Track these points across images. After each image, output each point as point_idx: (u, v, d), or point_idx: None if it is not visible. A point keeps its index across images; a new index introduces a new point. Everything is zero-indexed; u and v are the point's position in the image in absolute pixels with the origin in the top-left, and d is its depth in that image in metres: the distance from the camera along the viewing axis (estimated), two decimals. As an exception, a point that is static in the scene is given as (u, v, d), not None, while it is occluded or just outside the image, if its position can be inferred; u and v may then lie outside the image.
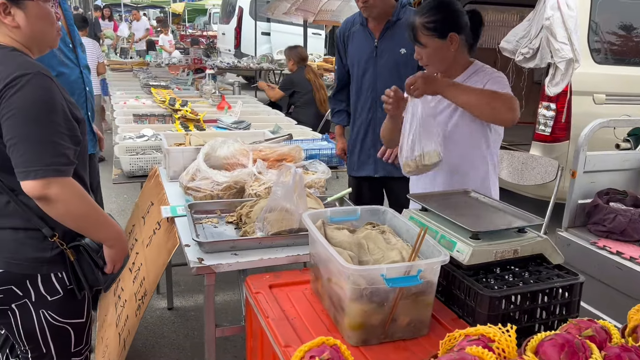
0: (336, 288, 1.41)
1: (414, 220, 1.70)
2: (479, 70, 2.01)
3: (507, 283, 1.46)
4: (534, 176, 3.06)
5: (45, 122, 1.36)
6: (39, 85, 1.36)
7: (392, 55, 2.63)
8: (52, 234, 1.47)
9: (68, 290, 1.52)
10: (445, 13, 1.93)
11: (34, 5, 1.44)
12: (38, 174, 1.34)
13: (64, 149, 1.40)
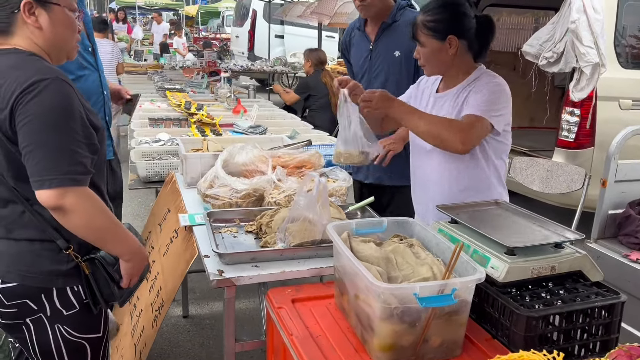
0: (364, 306, 1.34)
1: (443, 232, 1.63)
2: (479, 77, 1.89)
3: (544, 301, 1.38)
4: (559, 184, 2.97)
5: (63, 129, 1.31)
6: (57, 90, 1.32)
7: (385, 58, 2.59)
8: (67, 246, 1.42)
9: (84, 305, 1.47)
10: (448, 14, 1.82)
11: (60, 10, 1.42)
12: (53, 182, 1.29)
13: (80, 157, 1.35)
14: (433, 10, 1.84)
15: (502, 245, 1.45)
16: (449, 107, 1.92)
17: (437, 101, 1.98)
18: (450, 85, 1.95)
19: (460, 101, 1.89)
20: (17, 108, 1.29)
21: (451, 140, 1.77)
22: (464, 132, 1.77)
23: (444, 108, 1.93)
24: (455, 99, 1.91)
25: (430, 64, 1.91)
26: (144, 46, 13.58)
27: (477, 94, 1.83)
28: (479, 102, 1.81)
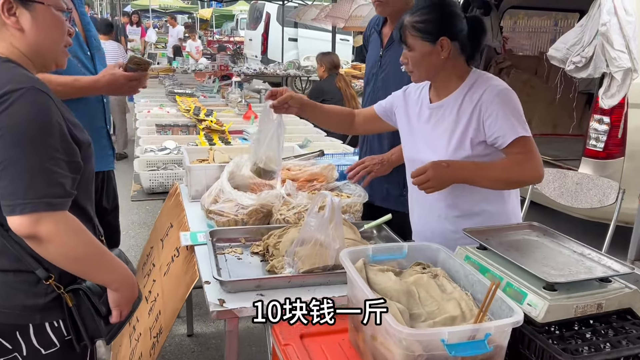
0: (382, 349, 1.17)
1: (472, 261, 1.45)
2: (478, 81, 1.73)
3: (590, 344, 1.20)
4: (590, 198, 2.77)
5: (38, 145, 1.15)
6: (32, 102, 1.16)
7: (392, 69, 2.25)
8: (48, 275, 1.26)
9: (65, 342, 1.31)
10: (438, 14, 1.67)
11: (45, 10, 1.26)
12: (26, 208, 1.13)
13: (59, 177, 1.18)
14: (422, 11, 1.68)
15: (541, 279, 1.26)
16: (451, 121, 1.73)
17: (433, 113, 1.79)
18: (444, 94, 1.78)
19: (465, 109, 1.71)
20: None
21: (530, 179, 1.76)
22: (532, 162, 1.66)
23: (445, 121, 1.75)
24: (458, 112, 1.72)
25: (419, 69, 1.72)
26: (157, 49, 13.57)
27: (499, 116, 1.65)
28: (511, 123, 1.64)
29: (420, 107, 1.86)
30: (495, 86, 1.70)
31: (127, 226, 4.46)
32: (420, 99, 1.88)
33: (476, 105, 1.68)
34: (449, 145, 1.73)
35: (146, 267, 2.48)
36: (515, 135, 1.63)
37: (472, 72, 1.76)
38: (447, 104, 1.76)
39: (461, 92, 1.74)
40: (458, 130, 1.72)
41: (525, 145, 1.65)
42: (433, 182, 1.60)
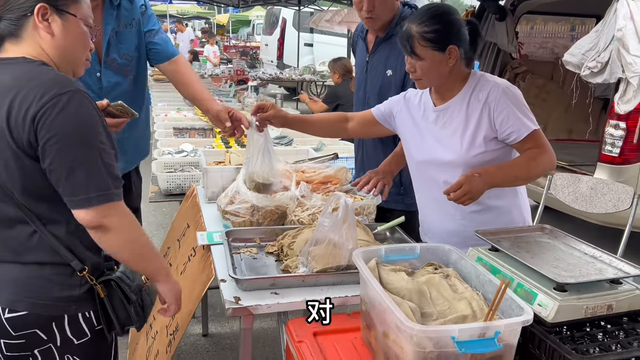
0: (394, 346, 1.19)
1: (483, 262, 1.47)
2: (480, 81, 1.80)
3: (600, 345, 1.22)
4: (604, 203, 2.76)
5: (95, 143, 1.25)
6: (82, 103, 1.24)
7: (378, 74, 2.33)
8: (82, 267, 1.32)
9: (96, 332, 1.37)
10: (446, 23, 1.72)
11: (75, 22, 1.35)
12: (93, 201, 1.24)
13: (114, 169, 1.29)
14: (430, 21, 1.71)
15: (551, 279, 1.28)
16: (461, 122, 1.78)
17: (440, 115, 1.84)
18: (448, 97, 1.83)
19: (474, 108, 1.76)
20: (40, 123, 1.21)
21: (547, 170, 1.78)
22: (546, 155, 1.74)
23: (454, 121, 1.80)
24: (466, 112, 1.78)
25: (428, 77, 1.77)
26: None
27: (511, 114, 1.72)
28: (520, 119, 1.72)
29: (424, 110, 1.90)
30: (499, 84, 1.77)
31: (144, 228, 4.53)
32: (422, 103, 1.92)
33: (484, 104, 1.75)
34: (462, 144, 1.78)
35: (163, 267, 2.53)
36: (528, 130, 1.71)
37: (472, 74, 1.82)
38: (453, 105, 1.81)
39: (466, 93, 1.79)
40: (469, 130, 1.77)
41: (537, 138, 1.73)
42: (470, 194, 1.64)
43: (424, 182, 1.94)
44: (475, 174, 1.66)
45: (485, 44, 5.18)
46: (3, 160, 1.24)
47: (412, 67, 1.77)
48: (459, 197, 1.64)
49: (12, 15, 1.29)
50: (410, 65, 1.77)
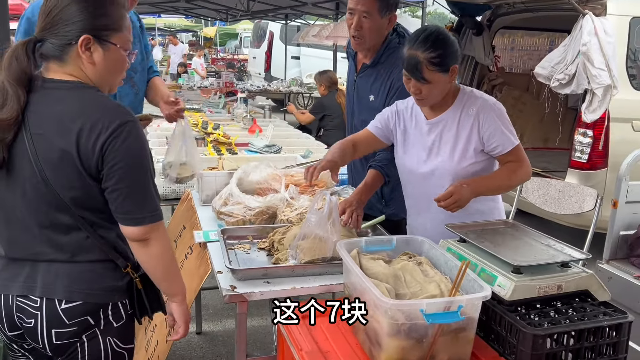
0: (372, 322, 1.37)
1: (452, 251, 1.65)
2: (469, 96, 1.96)
3: (551, 320, 1.40)
4: (571, 205, 2.97)
5: (147, 169, 1.42)
6: (139, 133, 1.41)
7: (363, 97, 2.37)
8: (126, 264, 1.49)
9: (129, 315, 1.53)
10: (447, 45, 1.84)
11: (115, 50, 1.44)
12: (145, 220, 1.40)
13: (157, 190, 1.47)
14: (434, 46, 1.81)
15: (509, 263, 1.47)
16: (452, 135, 1.93)
17: (432, 128, 1.98)
18: (440, 110, 1.96)
19: (465, 123, 1.92)
20: (107, 151, 1.35)
21: (524, 180, 2.06)
22: (524, 167, 1.95)
23: (446, 134, 1.95)
24: (457, 126, 1.93)
25: (433, 97, 1.90)
26: (162, 67, 13.88)
27: (497, 129, 1.89)
28: (505, 134, 1.90)
29: (416, 122, 2.03)
30: (487, 101, 1.94)
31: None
32: (413, 116, 2.05)
33: (475, 119, 1.90)
34: (454, 155, 1.94)
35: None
36: (512, 145, 1.91)
37: (462, 89, 1.98)
38: (445, 119, 1.96)
39: (457, 107, 1.94)
40: (461, 142, 1.93)
41: (518, 152, 1.93)
42: (459, 202, 1.81)
43: (416, 189, 2.07)
44: (464, 184, 1.84)
45: (463, 57, 5.42)
46: (68, 180, 1.38)
47: (418, 89, 1.86)
48: (449, 205, 1.82)
49: (56, 41, 1.40)
50: (415, 88, 1.87)
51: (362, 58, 2.41)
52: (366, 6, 2.18)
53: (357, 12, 2.20)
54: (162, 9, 11.24)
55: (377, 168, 2.21)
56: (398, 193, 2.35)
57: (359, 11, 2.19)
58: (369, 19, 2.19)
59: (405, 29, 2.36)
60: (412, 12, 20.20)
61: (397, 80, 2.20)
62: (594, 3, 3.79)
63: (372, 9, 2.18)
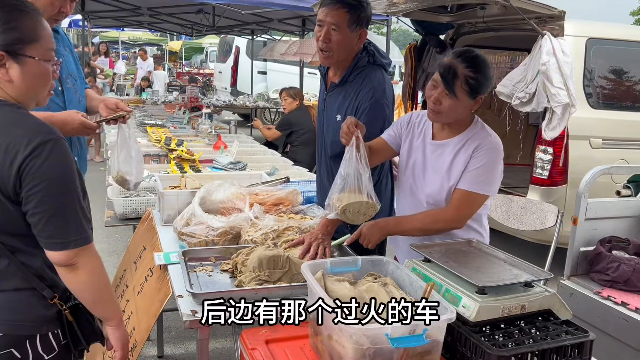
0: (337, 346, 1.34)
1: (417, 271, 1.65)
2: (477, 133, 1.94)
3: (515, 340, 1.40)
4: (533, 221, 3.02)
5: (73, 190, 1.35)
6: (63, 152, 1.33)
7: (331, 116, 2.34)
8: (53, 295, 1.42)
9: (63, 346, 1.45)
10: (486, 76, 1.84)
11: (34, 63, 1.37)
12: (70, 244, 1.33)
13: (87, 212, 1.39)
14: (477, 68, 1.81)
15: (473, 284, 1.47)
16: (447, 162, 1.95)
17: (436, 149, 1.99)
18: (449, 135, 1.97)
19: (460, 157, 1.93)
20: (25, 172, 1.28)
21: (446, 228, 1.97)
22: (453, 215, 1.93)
23: (442, 159, 1.97)
24: (455, 155, 1.94)
25: (448, 115, 1.88)
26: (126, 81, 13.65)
27: (478, 168, 1.89)
28: (478, 177, 1.89)
29: (423, 139, 2.05)
30: (491, 141, 1.92)
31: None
32: (423, 132, 2.05)
33: (472, 154, 1.91)
34: (444, 180, 1.95)
35: (119, 289, 2.59)
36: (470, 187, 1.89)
37: (475, 121, 1.97)
38: (447, 145, 1.96)
39: (462, 138, 1.94)
40: (451, 172, 1.94)
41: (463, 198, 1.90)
42: (369, 242, 1.97)
43: (410, 200, 2.09)
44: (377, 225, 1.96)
45: (427, 75, 5.51)
46: None
47: (439, 100, 1.85)
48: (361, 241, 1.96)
49: None
50: (436, 98, 1.85)
51: (332, 76, 2.38)
52: (335, 19, 2.14)
53: (326, 24, 2.16)
54: (126, 23, 11.09)
55: None
56: None
57: (328, 23, 2.16)
58: (338, 32, 2.15)
59: (376, 48, 2.32)
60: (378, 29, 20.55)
61: (364, 101, 2.19)
62: (553, 24, 3.92)
63: (341, 21, 2.14)
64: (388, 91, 2.23)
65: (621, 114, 4.54)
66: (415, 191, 2.06)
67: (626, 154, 4.31)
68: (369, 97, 2.17)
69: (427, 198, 2.00)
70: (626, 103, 4.67)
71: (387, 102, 2.22)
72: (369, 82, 2.20)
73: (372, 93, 2.17)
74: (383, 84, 2.22)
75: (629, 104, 4.67)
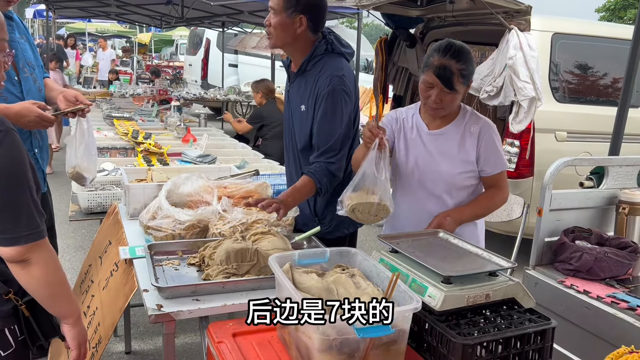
0: (304, 337, 1.34)
1: (384, 262, 1.65)
2: (471, 114, 2.10)
3: (480, 329, 1.42)
4: (500, 213, 3.07)
5: (24, 182, 1.30)
6: (12, 143, 1.28)
7: (295, 107, 2.33)
8: (7, 290, 1.38)
9: (20, 342, 1.42)
10: (472, 62, 1.98)
11: None
12: (22, 239, 1.28)
13: (39, 205, 1.34)
14: (465, 59, 1.93)
15: (439, 274, 1.48)
16: (454, 147, 2.06)
17: (437, 138, 2.09)
18: (442, 123, 2.09)
19: (467, 142, 2.06)
20: None
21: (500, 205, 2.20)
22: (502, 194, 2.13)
23: (448, 145, 2.07)
24: (460, 139, 2.07)
25: (450, 107, 2.01)
26: (93, 73, 13.35)
27: (496, 149, 2.08)
28: (501, 156, 2.09)
29: (417, 131, 2.13)
30: (489, 123, 2.10)
31: (62, 250, 4.41)
32: (414, 126, 2.15)
33: (476, 137, 2.05)
34: (453, 166, 2.07)
35: (84, 284, 2.54)
36: (502, 168, 2.09)
37: (463, 107, 2.11)
38: (447, 131, 2.08)
39: (459, 122, 2.07)
40: (461, 155, 2.06)
41: (502, 177, 2.11)
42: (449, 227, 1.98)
43: (417, 192, 2.14)
44: (447, 216, 1.99)
45: (398, 69, 5.54)
46: None
47: (440, 99, 1.96)
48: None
49: None
50: (437, 97, 1.96)
51: (293, 67, 2.37)
52: (273, 2, 2.19)
53: (269, 8, 2.21)
54: (92, 14, 10.83)
55: (309, 174, 2.17)
56: (332, 209, 2.33)
57: (270, 7, 2.21)
58: (274, 15, 2.19)
59: (337, 37, 2.32)
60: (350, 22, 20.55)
61: (322, 88, 2.17)
62: (519, 19, 3.98)
63: (277, 5, 2.18)
64: (348, 79, 2.21)
65: (585, 107, 4.65)
66: (424, 181, 2.11)
67: (590, 146, 4.42)
68: (327, 84, 2.16)
69: (441, 184, 2.08)
70: (590, 97, 4.79)
71: (346, 90, 2.19)
72: (327, 69, 2.19)
73: (330, 80, 2.16)
74: (342, 70, 2.20)
75: (593, 98, 4.79)
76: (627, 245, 2.34)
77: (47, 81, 2.45)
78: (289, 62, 2.42)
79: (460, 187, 2.09)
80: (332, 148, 2.18)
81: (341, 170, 2.23)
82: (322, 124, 2.18)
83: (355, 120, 2.29)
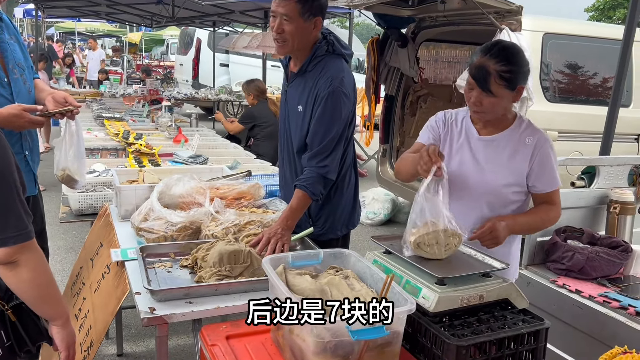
0: (298, 340, 1.33)
1: (378, 264, 1.65)
2: (527, 124, 1.95)
3: (474, 330, 1.43)
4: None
5: (11, 183, 1.28)
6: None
7: (293, 107, 2.30)
8: None
9: (7, 348, 1.39)
10: (520, 64, 1.81)
11: None
12: (10, 240, 1.27)
13: (26, 207, 1.32)
14: (508, 60, 1.77)
15: (433, 275, 1.48)
16: (506, 156, 1.92)
17: (488, 145, 1.95)
18: (494, 130, 1.94)
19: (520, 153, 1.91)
20: None
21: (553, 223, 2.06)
22: (556, 210, 1.99)
23: (499, 154, 1.93)
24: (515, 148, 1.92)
25: (493, 112, 1.86)
26: (83, 73, 13.25)
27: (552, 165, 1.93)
28: (555, 173, 1.95)
29: (466, 136, 1.97)
30: (546, 137, 1.94)
31: (53, 251, 4.36)
32: (464, 130, 1.99)
33: (533, 151, 1.90)
34: (502, 176, 1.92)
35: (75, 287, 2.52)
36: (555, 186, 1.95)
37: (519, 116, 1.97)
38: (499, 139, 1.93)
39: (514, 132, 1.92)
40: (512, 166, 1.91)
41: (556, 195, 1.97)
42: (496, 240, 1.84)
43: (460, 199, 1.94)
44: (502, 221, 1.84)
45: (389, 69, 5.53)
46: None
47: (479, 101, 1.81)
48: (485, 240, 1.83)
49: None
50: (476, 99, 1.82)
51: (292, 67, 2.35)
52: (286, 9, 2.13)
53: (278, 15, 2.15)
54: (82, 13, 10.75)
55: (301, 188, 2.14)
56: (326, 211, 2.33)
57: (280, 14, 2.14)
58: (290, 22, 2.14)
59: (336, 37, 2.30)
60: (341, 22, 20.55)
61: (322, 90, 2.17)
62: (510, 19, 3.98)
63: (292, 12, 2.13)
64: (347, 81, 2.21)
65: (576, 107, 4.67)
66: (467, 188, 1.94)
67: (581, 146, 4.44)
68: (327, 85, 2.15)
69: (483, 196, 1.94)
70: (581, 97, 4.81)
71: (345, 92, 2.18)
72: (328, 70, 2.18)
73: (330, 82, 2.15)
74: (342, 73, 2.19)
75: (583, 98, 4.81)
76: (618, 244, 2.36)
77: (37, 82, 2.42)
78: (287, 62, 2.40)
79: (504, 201, 1.94)
80: (325, 149, 2.17)
81: (334, 172, 2.21)
82: (318, 124, 2.17)
83: (352, 121, 2.29)
